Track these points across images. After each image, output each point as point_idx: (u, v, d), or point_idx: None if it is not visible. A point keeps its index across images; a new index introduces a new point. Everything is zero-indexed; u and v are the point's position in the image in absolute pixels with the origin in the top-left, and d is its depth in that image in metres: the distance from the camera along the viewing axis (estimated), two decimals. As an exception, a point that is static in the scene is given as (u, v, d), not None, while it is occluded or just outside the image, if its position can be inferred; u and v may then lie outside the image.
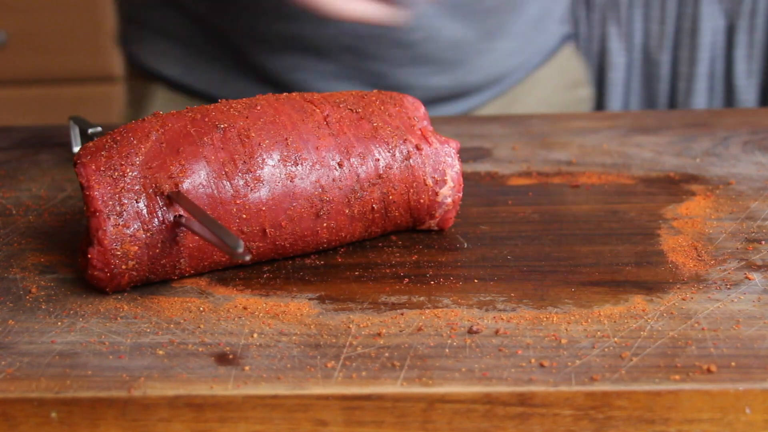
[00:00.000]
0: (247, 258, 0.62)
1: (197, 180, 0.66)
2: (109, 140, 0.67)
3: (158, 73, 1.15)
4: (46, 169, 0.92)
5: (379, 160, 0.71)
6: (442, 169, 0.73)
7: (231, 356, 0.59)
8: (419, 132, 0.73)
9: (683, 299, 0.65)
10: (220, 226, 0.62)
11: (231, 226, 0.67)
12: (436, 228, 0.76)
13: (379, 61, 1.08)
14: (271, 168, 0.68)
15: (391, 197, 0.72)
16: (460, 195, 0.74)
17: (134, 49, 1.18)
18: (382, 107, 0.74)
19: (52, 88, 2.09)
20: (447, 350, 0.59)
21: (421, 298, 0.66)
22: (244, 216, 0.67)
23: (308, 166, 0.69)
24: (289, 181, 0.68)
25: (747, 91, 2.04)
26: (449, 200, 0.74)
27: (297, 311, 0.65)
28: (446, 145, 0.73)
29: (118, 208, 0.65)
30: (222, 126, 0.68)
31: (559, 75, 1.23)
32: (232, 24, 1.08)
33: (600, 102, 2.00)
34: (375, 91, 0.76)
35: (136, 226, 0.65)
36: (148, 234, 0.65)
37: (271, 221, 0.68)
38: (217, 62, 1.12)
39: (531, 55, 1.17)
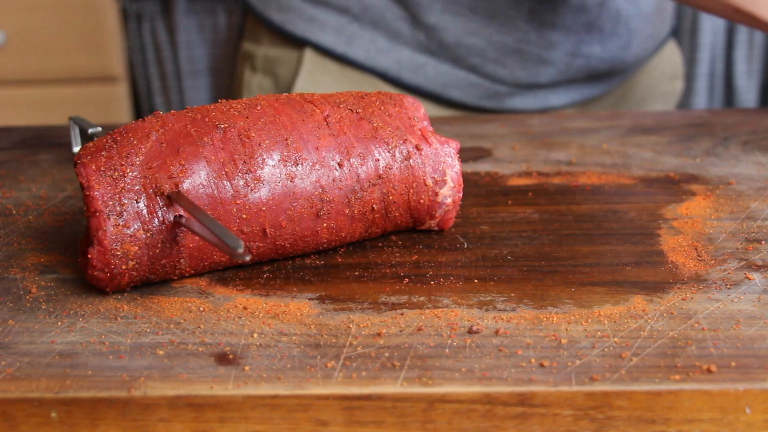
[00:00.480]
0: (247, 258, 0.62)
1: (197, 180, 0.66)
2: (109, 140, 0.67)
3: (308, 40, 1.13)
4: (46, 169, 0.92)
5: (379, 160, 0.71)
6: (442, 169, 0.73)
7: (231, 356, 0.59)
8: (419, 132, 0.73)
9: (683, 299, 0.65)
10: (221, 227, 0.62)
11: (231, 226, 0.67)
12: (436, 228, 0.76)
13: (551, 27, 1.09)
14: (272, 168, 0.68)
15: (391, 197, 0.72)
16: (460, 195, 0.74)
17: (280, 15, 1.15)
18: (382, 107, 0.74)
19: (52, 88, 2.08)
20: (447, 350, 0.59)
21: (421, 298, 0.66)
22: (245, 216, 0.67)
23: (308, 167, 0.69)
24: (289, 181, 0.68)
25: (747, 91, 2.04)
26: (449, 200, 0.74)
27: (297, 311, 0.65)
28: (446, 146, 0.73)
29: (118, 208, 0.65)
30: (222, 126, 0.68)
31: (663, 66, 1.25)
32: None
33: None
34: (375, 91, 0.76)
35: (136, 227, 0.65)
36: (148, 234, 0.65)
37: (271, 221, 0.68)
38: (379, 30, 1.10)
39: (654, 43, 1.20)
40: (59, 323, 0.64)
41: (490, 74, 1.11)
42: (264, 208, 0.68)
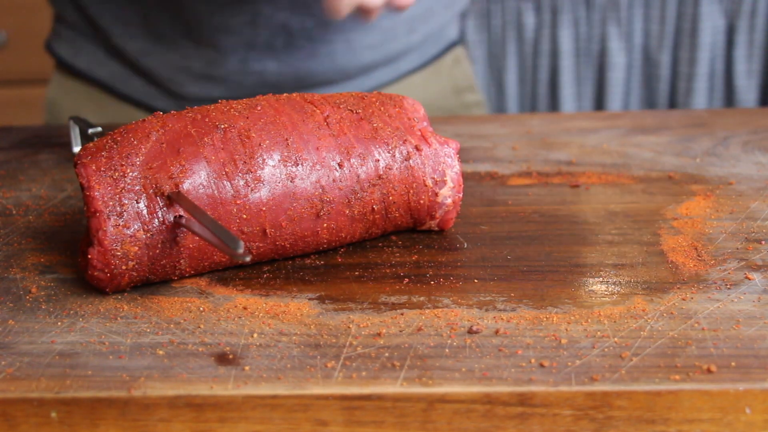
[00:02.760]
0: (248, 259, 0.62)
1: (197, 180, 0.66)
2: (109, 141, 0.68)
3: (51, 48, 1.22)
4: (46, 169, 0.92)
5: (379, 160, 0.71)
6: (442, 169, 0.73)
7: (231, 356, 0.59)
8: (419, 133, 0.73)
9: (683, 299, 0.65)
10: (221, 227, 0.62)
11: (231, 227, 0.67)
12: (436, 228, 0.76)
13: (206, 45, 1.10)
14: (272, 168, 0.68)
15: (391, 198, 0.72)
16: (460, 195, 0.74)
17: (54, 25, 1.24)
18: (382, 108, 0.74)
19: (52, 88, 2.08)
20: (447, 350, 0.59)
21: (421, 298, 0.66)
22: (245, 216, 0.67)
23: (308, 167, 0.69)
24: (289, 182, 0.68)
25: (747, 91, 2.04)
26: (449, 201, 0.74)
27: (297, 311, 0.65)
28: (446, 146, 0.73)
29: (118, 208, 0.65)
30: (222, 126, 0.68)
31: (440, 80, 1.22)
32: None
33: (600, 102, 2.00)
34: (375, 92, 0.76)
35: (136, 227, 0.65)
36: (149, 234, 0.65)
37: (271, 221, 0.68)
38: (98, 44, 1.16)
39: (401, 55, 1.16)
40: (59, 323, 0.64)
41: (174, 91, 1.15)
42: (264, 209, 0.68)
